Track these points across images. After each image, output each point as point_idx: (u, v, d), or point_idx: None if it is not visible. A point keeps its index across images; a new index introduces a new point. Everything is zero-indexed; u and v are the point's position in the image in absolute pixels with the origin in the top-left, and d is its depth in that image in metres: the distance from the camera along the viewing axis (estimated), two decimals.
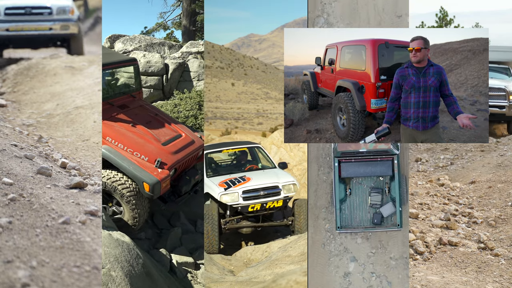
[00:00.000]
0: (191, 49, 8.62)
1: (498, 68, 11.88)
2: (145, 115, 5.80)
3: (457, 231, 5.47)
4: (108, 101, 5.70)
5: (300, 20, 34.62)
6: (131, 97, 6.09)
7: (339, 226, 2.99)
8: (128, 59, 6.32)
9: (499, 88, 11.12)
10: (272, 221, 6.22)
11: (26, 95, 8.06)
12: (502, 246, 5.05)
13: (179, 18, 9.36)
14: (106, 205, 5.06)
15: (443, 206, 6.26)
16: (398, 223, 2.95)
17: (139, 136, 5.30)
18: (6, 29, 9.78)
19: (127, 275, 3.66)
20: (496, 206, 6.13)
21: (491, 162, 7.87)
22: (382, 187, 3.01)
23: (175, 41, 9.23)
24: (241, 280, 4.44)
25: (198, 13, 9.11)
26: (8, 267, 2.44)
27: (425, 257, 4.91)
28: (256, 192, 5.92)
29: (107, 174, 4.98)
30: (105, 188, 4.92)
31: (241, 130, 27.38)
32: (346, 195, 3.02)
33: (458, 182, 7.29)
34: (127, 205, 4.96)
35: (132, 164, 4.96)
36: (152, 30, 9.42)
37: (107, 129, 5.26)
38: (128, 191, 4.92)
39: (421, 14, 21.63)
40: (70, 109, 7.13)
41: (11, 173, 3.89)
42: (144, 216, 5.10)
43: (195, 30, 9.15)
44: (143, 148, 5.12)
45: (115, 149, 5.08)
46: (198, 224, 5.83)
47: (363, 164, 2.97)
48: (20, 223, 2.98)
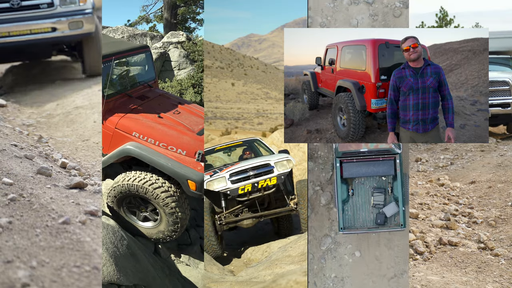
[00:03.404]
0: (171, 39, 8.72)
1: (498, 59, 10.29)
2: (169, 104, 5.18)
3: (457, 231, 5.47)
4: (126, 93, 5.07)
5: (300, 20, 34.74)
6: (148, 87, 5.48)
7: (342, 227, 2.97)
8: (139, 46, 5.61)
9: (502, 81, 9.49)
10: (275, 208, 5.47)
11: (26, 95, 8.05)
12: (502, 246, 5.05)
13: (160, 11, 9.46)
14: (137, 210, 4.63)
15: (443, 206, 6.26)
16: (401, 223, 2.94)
17: (170, 127, 4.68)
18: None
19: (112, 256, 3.69)
20: (496, 206, 6.13)
21: (491, 162, 7.87)
22: (384, 187, 2.99)
23: (157, 33, 9.41)
24: (241, 280, 4.44)
25: (178, 6, 9.20)
26: (8, 267, 2.43)
27: (425, 257, 4.90)
28: (244, 173, 5.26)
29: (138, 176, 4.40)
30: (134, 192, 4.39)
31: (241, 130, 27.38)
32: (349, 196, 3.01)
33: (458, 182, 7.29)
34: (165, 209, 4.37)
35: (171, 160, 4.33)
36: (135, 23, 9.53)
37: (131, 123, 4.65)
38: (166, 194, 4.34)
39: (421, 14, 21.64)
40: (70, 109, 7.13)
41: (11, 173, 3.89)
42: (186, 221, 4.54)
43: (176, 23, 9.26)
44: (178, 141, 4.51)
45: (145, 145, 4.46)
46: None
47: (365, 164, 2.95)
48: (20, 223, 2.98)
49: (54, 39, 6.84)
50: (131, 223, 4.68)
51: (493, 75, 9.58)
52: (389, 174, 2.95)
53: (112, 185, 4.58)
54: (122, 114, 4.73)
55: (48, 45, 7.15)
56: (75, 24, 6.81)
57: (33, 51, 7.23)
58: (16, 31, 6.57)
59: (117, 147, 4.59)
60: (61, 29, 6.80)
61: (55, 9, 6.67)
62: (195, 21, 9.46)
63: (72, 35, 6.93)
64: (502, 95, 9.46)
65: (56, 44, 7.28)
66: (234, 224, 5.36)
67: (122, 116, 4.71)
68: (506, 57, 10.40)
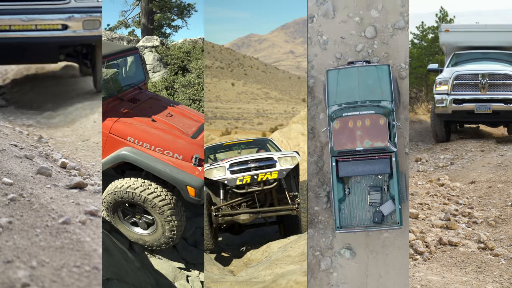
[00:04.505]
0: (146, 43, 8.97)
1: (501, 55, 10.06)
2: (160, 107, 5.06)
3: (457, 231, 5.48)
4: (118, 96, 4.92)
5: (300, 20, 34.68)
6: (138, 89, 5.32)
7: (338, 226, 2.97)
8: (129, 47, 5.48)
9: (505, 74, 9.14)
10: (275, 205, 5.22)
11: (26, 95, 8.06)
12: (502, 246, 5.05)
13: (138, 17, 9.77)
14: (132, 216, 4.55)
15: (443, 206, 6.26)
16: (398, 221, 2.94)
17: (164, 131, 4.57)
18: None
19: None
20: (496, 206, 6.13)
21: (491, 162, 7.87)
22: (381, 185, 3.00)
23: (134, 37, 9.80)
24: (241, 280, 4.44)
25: (155, 12, 9.50)
26: (8, 267, 2.44)
27: (425, 257, 4.91)
28: (245, 164, 5.01)
29: (133, 183, 4.27)
30: (129, 199, 4.30)
31: (241, 130, 27.41)
32: (345, 195, 3.01)
33: (458, 182, 7.29)
34: (161, 217, 4.28)
35: (169, 166, 4.21)
36: (114, 28, 9.76)
37: (125, 127, 4.54)
38: (163, 202, 4.24)
39: (421, 14, 21.64)
40: (70, 109, 7.14)
41: (11, 173, 3.90)
42: (182, 228, 4.44)
43: (153, 28, 9.56)
44: (174, 145, 4.39)
45: (141, 150, 4.34)
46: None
47: (361, 163, 2.95)
48: (20, 223, 2.98)
49: (64, 39, 5.54)
50: (126, 229, 4.61)
51: (495, 67, 9.52)
52: (385, 172, 2.94)
53: (107, 192, 4.47)
54: (115, 119, 4.60)
55: (56, 46, 5.84)
56: (91, 23, 5.51)
57: (36, 52, 5.91)
58: (19, 25, 5.29)
59: (111, 152, 4.49)
60: (73, 27, 5.50)
61: (68, 2, 5.41)
62: (170, 27, 9.91)
63: (86, 36, 5.64)
64: (505, 89, 9.18)
65: (65, 47, 5.97)
66: (230, 218, 5.10)
67: (115, 121, 4.59)
68: (510, 52, 10.20)
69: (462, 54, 10.54)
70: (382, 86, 3.00)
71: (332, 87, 3.03)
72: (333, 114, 2.96)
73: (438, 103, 9.57)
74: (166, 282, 4.47)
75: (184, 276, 4.59)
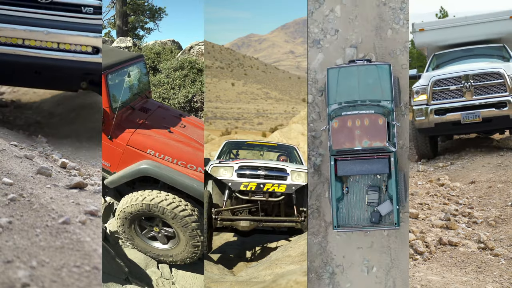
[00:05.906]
0: (120, 44, 9.17)
1: (488, 49, 8.69)
2: (172, 117, 4.85)
3: (457, 231, 5.47)
4: (130, 105, 4.64)
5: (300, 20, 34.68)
6: (145, 98, 5.11)
7: (336, 225, 2.97)
8: (136, 55, 5.17)
9: (495, 73, 7.65)
10: (280, 216, 4.88)
11: (26, 95, 8.06)
12: (502, 246, 5.05)
13: (113, 19, 10.05)
14: (155, 233, 4.33)
15: (443, 206, 6.26)
16: (395, 222, 2.93)
17: (184, 144, 4.36)
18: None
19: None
20: (496, 206, 6.13)
21: (491, 162, 7.87)
22: (379, 185, 2.99)
23: (109, 38, 10.06)
24: (241, 280, 4.44)
25: (129, 15, 9.85)
26: (8, 267, 2.44)
27: (425, 257, 4.91)
28: (254, 170, 4.71)
29: (156, 196, 4.01)
30: (147, 212, 4.06)
31: (241, 130, 27.40)
32: (343, 194, 3.01)
33: (458, 182, 7.29)
34: (186, 232, 4.05)
35: (195, 180, 3.98)
36: None
37: (145, 139, 4.27)
38: (183, 211, 4.02)
39: (421, 14, 21.63)
40: (70, 109, 7.14)
41: (11, 173, 3.89)
42: (205, 243, 4.26)
43: (127, 30, 9.88)
44: (196, 158, 4.16)
45: (163, 164, 4.09)
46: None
47: (359, 162, 2.95)
48: (20, 223, 2.98)
49: (94, 66, 4.26)
50: (145, 244, 4.41)
51: (480, 65, 8.03)
52: (384, 172, 2.94)
53: (121, 207, 4.22)
54: (132, 130, 4.32)
55: (80, 71, 4.54)
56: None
57: (53, 77, 4.59)
58: (35, 40, 4.00)
59: (128, 165, 4.20)
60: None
61: (100, 19, 3.99)
62: (143, 29, 10.32)
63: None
64: (496, 91, 7.70)
65: (90, 74, 4.69)
66: (230, 223, 4.84)
67: (133, 132, 4.31)
68: (499, 45, 8.79)
69: (442, 54, 9.22)
70: (382, 86, 3.00)
71: (332, 85, 3.02)
72: (332, 113, 2.96)
73: (418, 116, 8.12)
74: (138, 270, 4.40)
75: (154, 264, 4.46)
